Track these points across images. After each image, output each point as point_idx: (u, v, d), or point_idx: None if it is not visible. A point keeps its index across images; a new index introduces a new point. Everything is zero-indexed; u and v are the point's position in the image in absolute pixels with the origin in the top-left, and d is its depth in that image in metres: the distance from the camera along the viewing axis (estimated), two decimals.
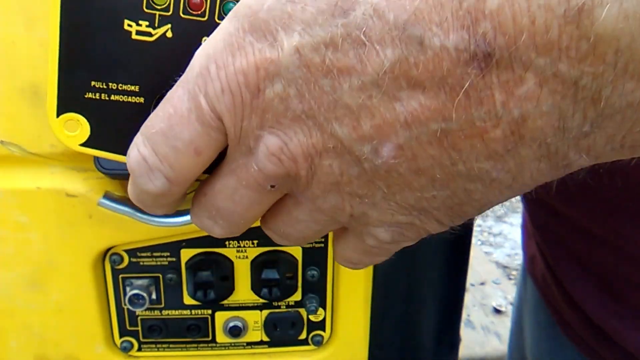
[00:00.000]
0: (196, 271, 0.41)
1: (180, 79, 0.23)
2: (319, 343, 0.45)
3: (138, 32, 0.24)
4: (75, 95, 0.25)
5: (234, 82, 0.21)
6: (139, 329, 0.43)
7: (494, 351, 1.74)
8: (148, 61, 0.25)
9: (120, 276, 0.41)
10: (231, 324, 0.43)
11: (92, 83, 0.25)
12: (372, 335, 0.45)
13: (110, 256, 0.40)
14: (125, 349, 0.43)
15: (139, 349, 0.43)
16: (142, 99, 0.25)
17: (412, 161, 0.21)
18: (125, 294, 0.41)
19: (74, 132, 0.26)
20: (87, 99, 0.25)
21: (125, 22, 0.24)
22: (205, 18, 0.25)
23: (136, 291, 0.40)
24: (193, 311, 0.42)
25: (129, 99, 0.25)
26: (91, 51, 0.25)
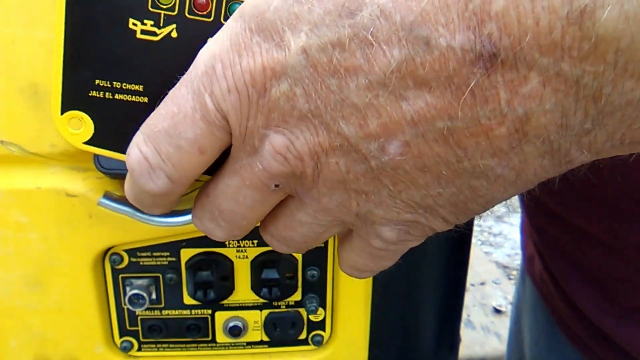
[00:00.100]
0: (196, 271, 0.41)
1: (183, 77, 0.23)
2: (319, 343, 0.45)
3: (143, 32, 0.24)
4: (79, 93, 0.25)
5: (240, 82, 0.21)
6: (139, 329, 0.43)
7: (494, 351, 1.74)
8: (152, 61, 0.25)
9: (120, 276, 0.41)
10: (231, 324, 0.43)
11: (97, 81, 0.25)
12: (372, 335, 0.45)
13: (110, 256, 0.40)
14: (125, 349, 0.43)
15: (139, 349, 0.43)
16: (146, 99, 0.25)
17: (418, 158, 0.21)
18: (125, 294, 0.41)
19: (77, 130, 0.26)
20: (91, 97, 0.25)
21: (130, 21, 0.24)
22: (211, 19, 0.24)
23: (136, 291, 0.40)
24: (193, 311, 0.42)
25: (133, 98, 0.25)
26: (96, 50, 0.25)
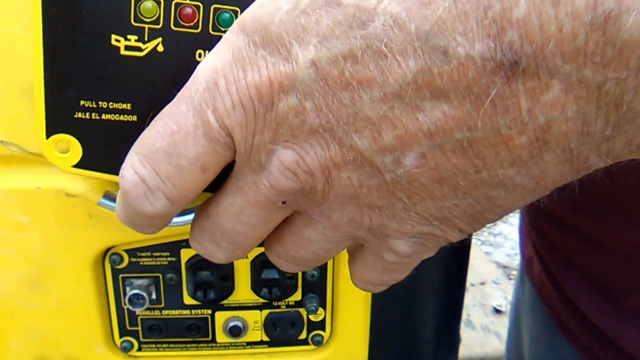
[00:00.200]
0: (196, 271, 0.41)
1: (180, 94, 0.22)
2: (319, 343, 0.45)
3: (127, 47, 0.23)
4: (64, 115, 0.24)
5: (245, 97, 0.21)
6: (139, 329, 0.43)
7: (494, 351, 1.74)
8: (139, 77, 0.24)
9: (120, 276, 0.41)
10: (231, 324, 0.43)
11: (82, 102, 0.24)
12: (372, 335, 0.45)
13: (110, 256, 0.40)
14: (125, 349, 0.43)
15: (139, 349, 0.43)
16: (134, 117, 0.24)
17: (435, 170, 0.20)
18: (125, 294, 0.41)
19: (65, 154, 0.25)
20: (77, 119, 0.24)
21: (113, 37, 0.23)
22: (199, 30, 0.23)
23: (136, 291, 0.40)
24: (193, 311, 0.42)
25: (121, 117, 0.24)
26: (78, 69, 0.23)
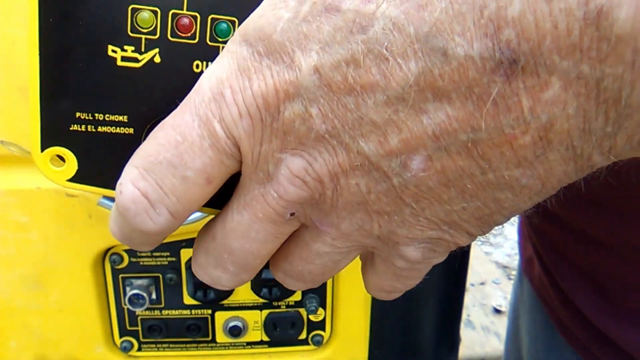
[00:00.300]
0: None
1: (182, 105, 0.22)
2: (319, 343, 0.45)
3: (123, 58, 0.23)
4: (59, 128, 0.23)
5: (252, 106, 0.21)
6: (139, 329, 0.43)
7: (494, 351, 1.74)
8: (136, 89, 0.23)
9: (120, 276, 0.41)
10: (231, 324, 0.43)
11: (77, 114, 0.23)
12: (372, 335, 0.45)
13: (110, 256, 0.40)
14: (125, 349, 0.43)
15: (139, 349, 0.43)
16: (131, 130, 0.24)
17: (442, 173, 0.21)
18: (125, 294, 0.41)
19: (60, 167, 0.24)
20: (72, 132, 0.24)
21: (109, 47, 0.23)
22: (196, 40, 0.23)
23: (136, 291, 0.40)
24: (193, 311, 0.42)
25: (118, 129, 0.24)
26: (74, 80, 0.23)
